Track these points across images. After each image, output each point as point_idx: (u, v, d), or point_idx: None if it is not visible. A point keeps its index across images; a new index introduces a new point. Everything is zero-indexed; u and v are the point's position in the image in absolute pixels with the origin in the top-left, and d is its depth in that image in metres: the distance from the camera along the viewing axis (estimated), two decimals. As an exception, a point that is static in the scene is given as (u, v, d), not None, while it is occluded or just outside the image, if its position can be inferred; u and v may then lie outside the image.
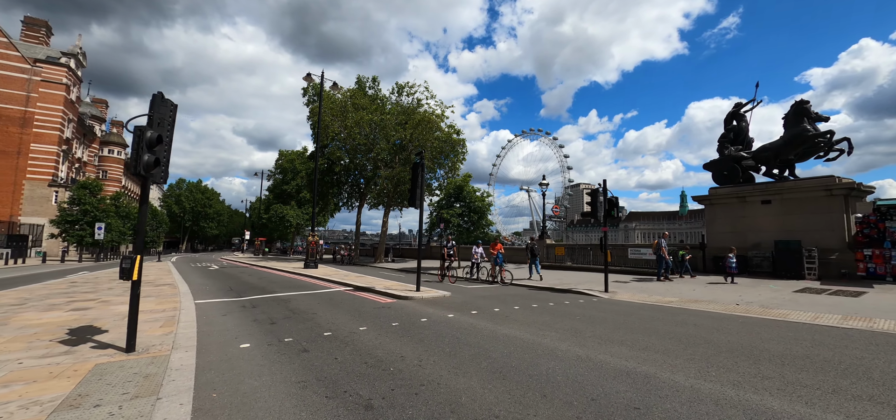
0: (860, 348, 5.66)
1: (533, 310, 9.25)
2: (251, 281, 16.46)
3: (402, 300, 10.77)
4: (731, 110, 19.28)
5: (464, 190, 23.74)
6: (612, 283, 14.31)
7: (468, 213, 23.19)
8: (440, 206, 24.71)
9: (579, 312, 8.87)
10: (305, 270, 21.02)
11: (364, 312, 8.89)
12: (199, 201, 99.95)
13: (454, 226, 22.96)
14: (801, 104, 16.31)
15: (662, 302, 10.46)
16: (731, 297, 11.02)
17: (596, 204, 12.92)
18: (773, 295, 11.19)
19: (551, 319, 8.00)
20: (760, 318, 8.09)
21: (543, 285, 14.37)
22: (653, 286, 13.66)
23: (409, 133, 33.47)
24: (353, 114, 32.78)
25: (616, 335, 6.57)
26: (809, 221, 15.29)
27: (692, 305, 9.85)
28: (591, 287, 13.47)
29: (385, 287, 12.83)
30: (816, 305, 9.45)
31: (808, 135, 15.99)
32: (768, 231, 16.26)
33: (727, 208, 17.64)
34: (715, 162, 18.77)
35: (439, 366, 4.97)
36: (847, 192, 14.72)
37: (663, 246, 15.57)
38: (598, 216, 12.93)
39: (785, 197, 16.02)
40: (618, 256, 19.19)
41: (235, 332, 6.91)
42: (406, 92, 37.68)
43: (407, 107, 36.64)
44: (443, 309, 9.29)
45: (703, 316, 8.38)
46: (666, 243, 15.74)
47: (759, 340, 6.18)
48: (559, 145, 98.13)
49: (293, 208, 67.78)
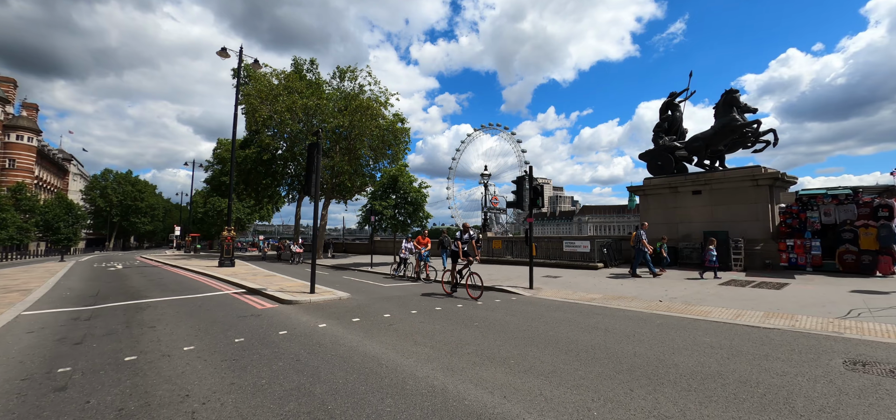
0: (782, 360, 4.70)
1: (432, 314, 7.87)
2: (135, 284, 14.05)
3: (284, 305, 9.08)
4: (666, 100, 19.00)
5: (399, 180, 22.10)
6: (552, 277, 13.36)
7: (403, 204, 21.58)
8: (374, 197, 22.88)
9: (483, 317, 7.60)
10: (217, 270, 18.65)
11: (217, 324, 7.12)
12: (129, 194, 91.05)
13: (387, 218, 21.34)
14: (731, 93, 16.14)
15: (585, 299, 9.47)
16: (656, 291, 10.25)
17: (521, 192, 11.80)
18: (700, 288, 10.55)
19: (442, 328, 6.64)
20: (680, 318, 7.18)
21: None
22: (583, 281, 12.79)
23: (347, 120, 31.37)
24: (285, 98, 30.15)
25: (503, 350, 5.29)
26: (736, 212, 15.10)
27: (614, 303, 8.90)
28: (517, 284, 12.39)
29: (278, 289, 11.03)
30: (740, 300, 8.78)
31: (737, 124, 15.82)
32: (699, 222, 15.99)
33: (660, 199, 17.29)
34: (649, 152, 18.40)
35: (224, 411, 3.40)
36: (772, 182, 14.62)
37: (643, 238, 13.69)
38: (523, 205, 11.82)
39: (714, 187, 15.79)
40: (554, 249, 18.41)
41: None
42: (349, 77, 35.50)
43: (348, 92, 34.44)
44: (321, 316, 7.70)
45: (620, 317, 7.35)
46: (646, 235, 13.89)
47: (671, 352, 5.11)
48: (517, 140, 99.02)
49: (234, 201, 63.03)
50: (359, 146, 31.82)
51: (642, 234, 13.81)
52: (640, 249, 13.60)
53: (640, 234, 13.82)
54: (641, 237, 13.74)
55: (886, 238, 11.76)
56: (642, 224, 14.37)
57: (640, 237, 13.76)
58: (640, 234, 13.84)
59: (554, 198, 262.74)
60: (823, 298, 8.57)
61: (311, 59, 36.29)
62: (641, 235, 13.77)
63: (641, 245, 13.57)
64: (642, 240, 13.66)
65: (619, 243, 18.39)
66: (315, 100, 31.54)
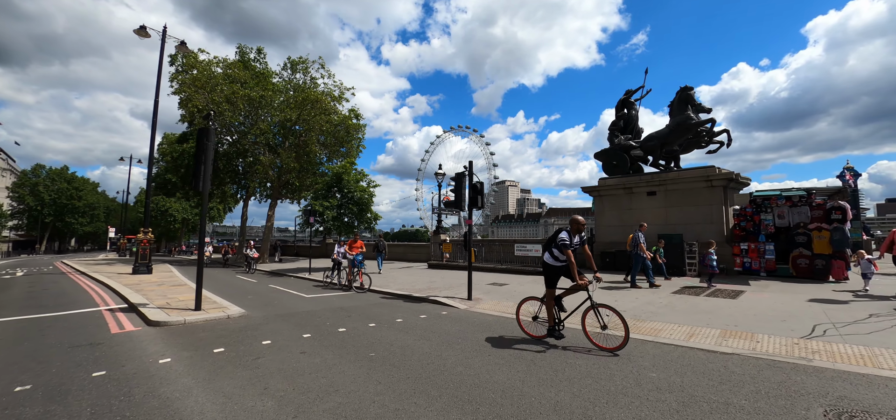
0: (748, 411, 3.47)
1: (326, 339, 6.30)
2: (4, 298, 11.67)
3: (149, 326, 7.27)
4: (622, 98, 18.27)
5: (344, 179, 20.30)
6: (498, 285, 12.05)
7: (348, 204, 19.84)
8: (316, 197, 20.95)
9: (389, 342, 6.10)
10: (125, 278, 16.24)
11: (33, 358, 5.26)
12: (64, 192, 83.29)
13: (328, 219, 19.49)
14: (686, 91, 15.50)
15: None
16: (607, 302, 9.09)
17: (460, 191, 10.43)
18: (651, 298, 9.51)
19: (321, 363, 5.09)
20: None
21: (400, 291, 11.63)
22: (530, 288, 11.55)
23: (296, 114, 29.15)
24: (225, 87, 27.58)
25: (378, 403, 3.81)
26: (691, 214, 14.41)
27: (554, 319, 7.63)
28: (456, 294, 11.02)
29: (163, 304, 9.14)
30: (694, 312, 7.73)
31: (691, 123, 15.18)
32: (654, 224, 15.20)
33: (615, 200, 16.44)
34: (605, 152, 17.58)
35: None
36: (726, 183, 14.01)
37: (641, 241, 11.44)
38: (461, 205, 10.45)
39: (669, 188, 15.07)
40: (505, 253, 17.23)
41: None
42: (301, 68, 33.23)
43: (299, 85, 32.17)
44: (178, 346, 5.97)
45: (551, 343, 6.05)
46: (643, 238, 11.64)
47: (606, 400, 3.80)
48: (486, 143, 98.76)
49: (179, 201, 58.58)
50: (309, 142, 29.65)
51: (639, 236, 11.59)
52: (638, 255, 11.49)
53: (638, 236, 11.61)
54: (639, 240, 11.52)
55: (839, 242, 11.23)
56: (640, 225, 12.21)
57: (638, 240, 11.54)
58: (637, 236, 11.63)
59: (521, 200, 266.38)
60: (782, 310, 7.65)
61: (259, 48, 33.77)
62: (639, 238, 11.55)
63: (638, 250, 11.46)
64: (640, 243, 11.48)
65: (573, 247, 17.45)
66: (260, 91, 29.15)
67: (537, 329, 6.24)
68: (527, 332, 6.28)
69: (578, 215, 6.08)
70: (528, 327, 6.36)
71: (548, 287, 6.07)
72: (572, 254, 5.81)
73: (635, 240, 11.63)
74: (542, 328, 6.16)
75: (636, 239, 11.60)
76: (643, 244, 11.51)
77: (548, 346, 5.66)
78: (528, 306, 6.56)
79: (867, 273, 9.05)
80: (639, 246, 11.47)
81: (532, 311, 6.49)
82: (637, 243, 11.53)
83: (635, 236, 11.68)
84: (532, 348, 5.62)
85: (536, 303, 6.38)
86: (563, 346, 5.63)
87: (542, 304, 6.19)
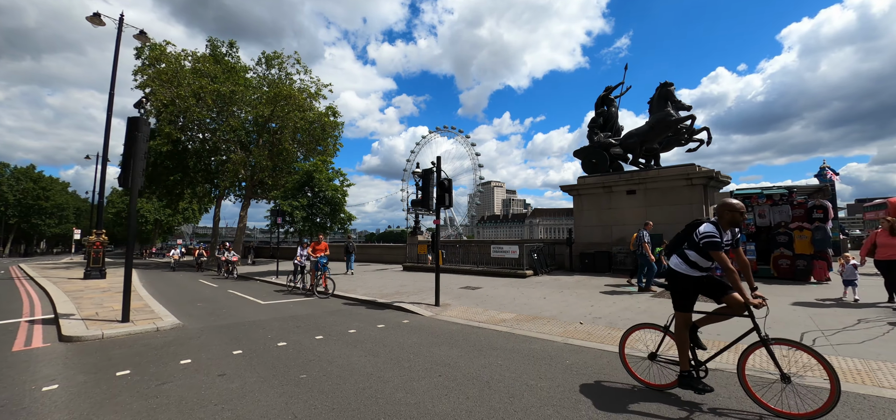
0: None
1: (260, 357, 5.49)
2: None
3: (62, 342, 6.32)
4: (602, 94, 17.82)
5: (315, 177, 19.34)
6: (470, 289, 11.34)
7: (319, 204, 18.91)
8: (285, 196, 19.92)
9: (329, 359, 5.33)
10: (74, 284, 15.02)
11: None
12: (30, 192, 79.50)
13: (298, 220, 18.53)
14: (666, 87, 15.10)
15: (491, 322, 7.49)
16: (582, 307, 8.49)
17: (427, 189, 9.70)
18: (630, 303, 8.94)
19: (238, 388, 4.29)
20: (599, 353, 5.37)
21: (365, 297, 10.83)
22: (505, 292, 10.89)
23: (269, 110, 28.00)
24: (192, 81, 26.27)
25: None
26: (671, 213, 13.98)
27: (525, 327, 6.99)
28: (423, 299, 10.27)
29: (92, 314, 8.15)
30: (655, 320, 7.14)
31: (672, 119, 14.77)
32: (633, 224, 14.72)
33: (594, 199, 15.94)
34: (584, 150, 17.08)
35: None
36: (706, 181, 13.62)
37: (645, 239, 10.50)
38: (428, 203, 9.72)
39: (648, 187, 14.62)
40: (481, 255, 16.56)
41: None
42: (276, 64, 32.04)
43: (274, 81, 30.98)
44: (81, 368, 5.10)
45: (520, 356, 5.38)
46: (648, 236, 10.71)
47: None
48: (471, 144, 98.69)
49: (152, 202, 56.25)
50: (283, 140, 28.53)
51: (644, 235, 10.58)
52: (643, 256, 10.48)
53: (643, 235, 10.57)
54: (643, 239, 10.49)
55: (821, 241, 10.88)
56: (646, 223, 11.11)
57: (642, 240, 10.50)
58: (642, 235, 10.59)
59: (507, 201, 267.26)
60: (767, 317, 7.12)
61: (231, 42, 32.42)
62: (643, 237, 10.52)
63: (642, 250, 10.47)
64: (644, 243, 10.46)
65: (552, 248, 16.89)
66: (231, 86, 27.90)
67: (658, 374, 4.13)
68: (638, 378, 4.17)
69: (733, 199, 3.79)
70: (640, 370, 4.25)
71: (679, 310, 3.90)
72: (726, 257, 3.63)
73: (639, 239, 10.64)
74: (669, 373, 4.08)
75: (640, 238, 10.61)
76: (648, 244, 10.52)
77: (684, 406, 3.59)
78: (642, 336, 4.77)
79: (852, 280, 8.13)
80: (643, 245, 10.49)
81: (649, 343, 4.56)
82: (641, 243, 10.53)
83: (640, 235, 10.67)
84: (654, 406, 3.61)
85: (656, 333, 4.29)
86: (712, 408, 3.54)
87: (665, 336, 4.10)
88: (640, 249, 10.59)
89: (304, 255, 12.95)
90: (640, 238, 10.62)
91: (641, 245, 10.54)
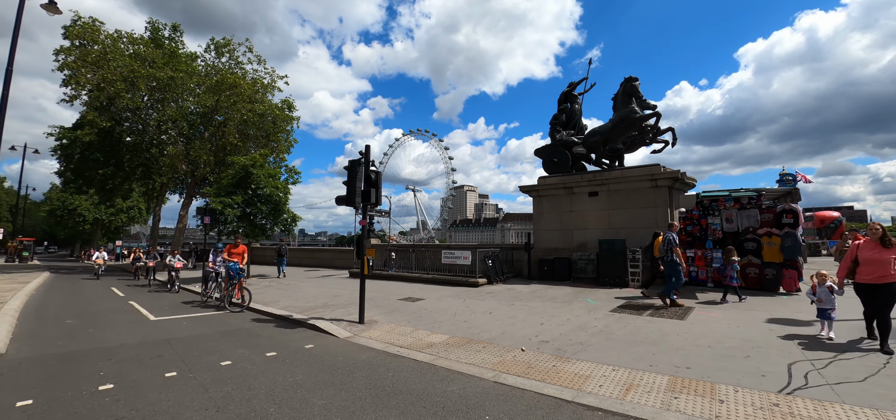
0: None
1: (66, 405, 3.74)
2: None
3: None
4: (565, 90, 16.74)
5: (253, 174, 17.26)
6: (411, 300, 9.75)
7: (258, 202, 16.86)
8: (217, 193, 17.72)
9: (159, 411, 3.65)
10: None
11: None
12: (-45, 188, 72.06)
13: (231, 220, 16.45)
14: (630, 82, 14.11)
15: (416, 347, 5.99)
16: (525, 329, 7.10)
17: (353, 183, 8.10)
18: (586, 319, 7.64)
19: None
20: (535, 399, 3.95)
21: (281, 311, 9.10)
22: (449, 305, 9.41)
23: (213, 100, 25.55)
24: (121, 64, 23.53)
25: None
26: (635, 217, 12.95)
27: (454, 355, 5.52)
28: (347, 315, 8.69)
29: None
30: (634, 342, 5.86)
31: (636, 117, 13.79)
32: (595, 228, 13.64)
33: (555, 201, 14.75)
34: (545, 148, 15.90)
35: None
36: (672, 183, 12.66)
37: (675, 243, 8.67)
38: (353, 201, 8.13)
39: (611, 188, 13.54)
40: (432, 261, 15.03)
41: None
42: (228, 52, 29.58)
43: (223, 68, 28.49)
44: None
45: (421, 410, 3.88)
46: (676, 239, 8.80)
47: None
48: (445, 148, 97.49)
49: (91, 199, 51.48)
50: (227, 133, 26.12)
51: (672, 238, 8.72)
52: (673, 263, 8.61)
53: (671, 238, 8.72)
54: (673, 243, 8.67)
55: (791, 249, 10.01)
56: (670, 225, 9.23)
57: (672, 243, 8.67)
58: (670, 238, 8.73)
59: (480, 205, 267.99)
60: (741, 337, 5.95)
61: (174, 25, 29.68)
62: (672, 240, 8.70)
63: (673, 255, 8.63)
64: (674, 247, 8.64)
65: (510, 253, 15.58)
66: (169, 71, 25.25)
67: None
68: None
69: None
70: None
71: None
72: None
73: (668, 242, 8.74)
74: None
75: (669, 241, 8.74)
76: (678, 247, 8.73)
77: None
78: None
79: (828, 311, 5.83)
80: (673, 250, 8.65)
81: None
82: (671, 247, 8.68)
83: (667, 238, 8.79)
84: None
85: None
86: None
87: None
88: (669, 255, 8.70)
89: (218, 261, 11.04)
90: (668, 241, 8.76)
91: (671, 249, 8.68)
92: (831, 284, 5.89)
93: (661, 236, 9.23)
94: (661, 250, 8.99)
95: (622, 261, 11.85)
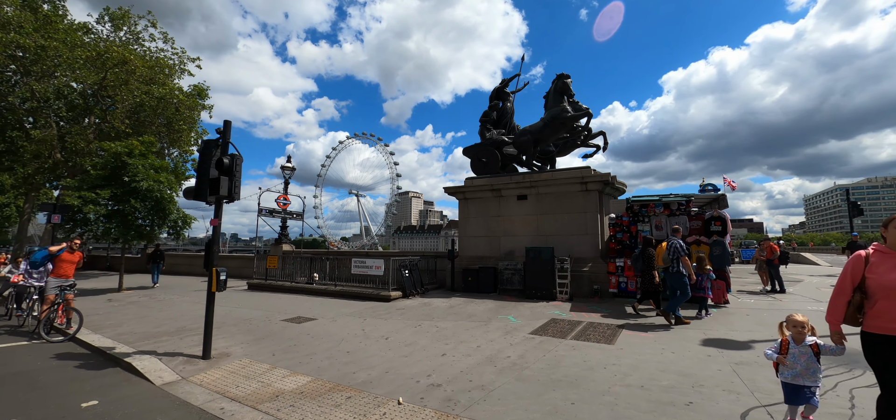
0: None
1: None
2: None
3: None
4: (497, 87, 15.63)
5: (129, 166, 14.11)
6: (295, 322, 7.74)
7: (130, 199, 13.78)
8: (80, 187, 14.34)
9: None
10: None
11: None
12: None
13: (94, 221, 13.30)
14: (562, 79, 13.27)
15: (255, 399, 4.12)
16: (421, 363, 5.48)
17: (205, 169, 6.03)
18: (501, 345, 6.19)
19: None
20: None
21: (106, 343, 6.74)
22: (338, 330, 7.58)
23: (96, 78, 21.57)
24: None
25: None
26: (565, 223, 11.99)
27: (298, 414, 3.72)
28: (195, 346, 6.56)
29: None
30: (549, 383, 4.43)
31: (567, 116, 12.93)
32: (523, 235, 12.51)
33: (482, 204, 13.47)
34: (474, 147, 14.63)
35: None
36: (602, 187, 11.87)
37: (682, 251, 7.41)
38: (202, 193, 6.07)
39: (541, 191, 12.52)
40: (341, 270, 13.08)
41: None
42: (126, 26, 25.47)
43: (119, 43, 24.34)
44: None
45: None
46: (684, 247, 7.56)
47: None
48: (390, 153, 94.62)
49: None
50: (113, 118, 22.19)
51: (680, 245, 7.47)
52: (678, 275, 7.37)
53: (677, 245, 7.46)
54: (681, 251, 7.40)
55: (721, 258, 9.43)
56: (674, 229, 8.00)
57: (680, 251, 7.40)
58: (676, 245, 7.47)
59: (424, 212, 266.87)
60: (677, 369, 4.78)
61: (52, -11, 24.92)
62: (680, 248, 7.44)
63: (681, 265, 7.36)
64: (683, 256, 7.39)
65: (433, 262, 14.03)
66: (40, 39, 20.88)
67: None
68: None
69: None
70: None
71: None
72: None
73: (674, 250, 7.43)
74: None
75: (676, 249, 7.43)
76: (686, 257, 7.42)
77: None
78: None
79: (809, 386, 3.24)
80: (680, 259, 7.36)
81: None
82: (678, 256, 7.38)
83: (674, 245, 7.50)
84: None
85: None
86: None
87: None
88: (675, 266, 7.39)
89: (34, 274, 8.29)
90: (675, 249, 7.45)
91: (678, 259, 7.39)
92: (817, 341, 3.24)
93: (664, 243, 8.00)
94: (665, 260, 7.68)
95: (550, 271, 10.72)
